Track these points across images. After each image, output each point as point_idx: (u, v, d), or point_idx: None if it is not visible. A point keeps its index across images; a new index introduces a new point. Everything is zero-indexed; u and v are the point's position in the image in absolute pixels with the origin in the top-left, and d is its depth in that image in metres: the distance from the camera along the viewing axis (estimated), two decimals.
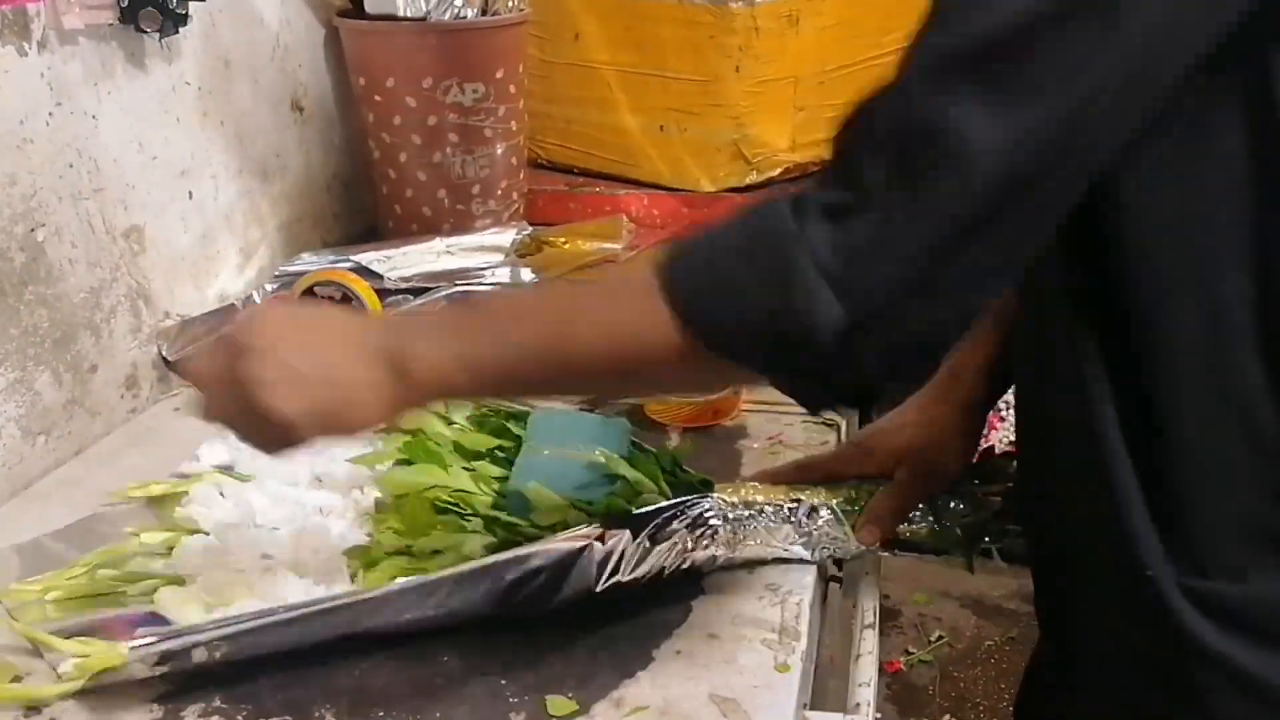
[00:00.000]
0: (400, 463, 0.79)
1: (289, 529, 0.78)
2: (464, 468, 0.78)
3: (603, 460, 0.80)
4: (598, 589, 0.70)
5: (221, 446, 0.89)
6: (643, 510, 0.73)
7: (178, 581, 0.75)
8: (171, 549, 0.78)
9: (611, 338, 0.60)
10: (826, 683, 0.94)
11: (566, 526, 0.73)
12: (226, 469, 0.87)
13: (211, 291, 1.23)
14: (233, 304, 1.22)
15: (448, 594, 0.69)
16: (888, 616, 2.26)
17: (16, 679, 0.69)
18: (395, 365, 0.61)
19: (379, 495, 0.79)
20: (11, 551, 0.81)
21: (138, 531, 0.81)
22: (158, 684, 0.68)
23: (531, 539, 0.72)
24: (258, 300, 1.22)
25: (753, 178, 1.54)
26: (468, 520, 0.75)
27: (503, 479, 0.80)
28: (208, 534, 0.79)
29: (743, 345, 0.57)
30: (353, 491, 0.79)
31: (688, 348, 0.57)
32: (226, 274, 1.26)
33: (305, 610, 0.67)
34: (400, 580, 0.71)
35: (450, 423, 0.84)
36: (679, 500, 0.75)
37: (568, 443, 0.83)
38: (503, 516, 0.75)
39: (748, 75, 1.47)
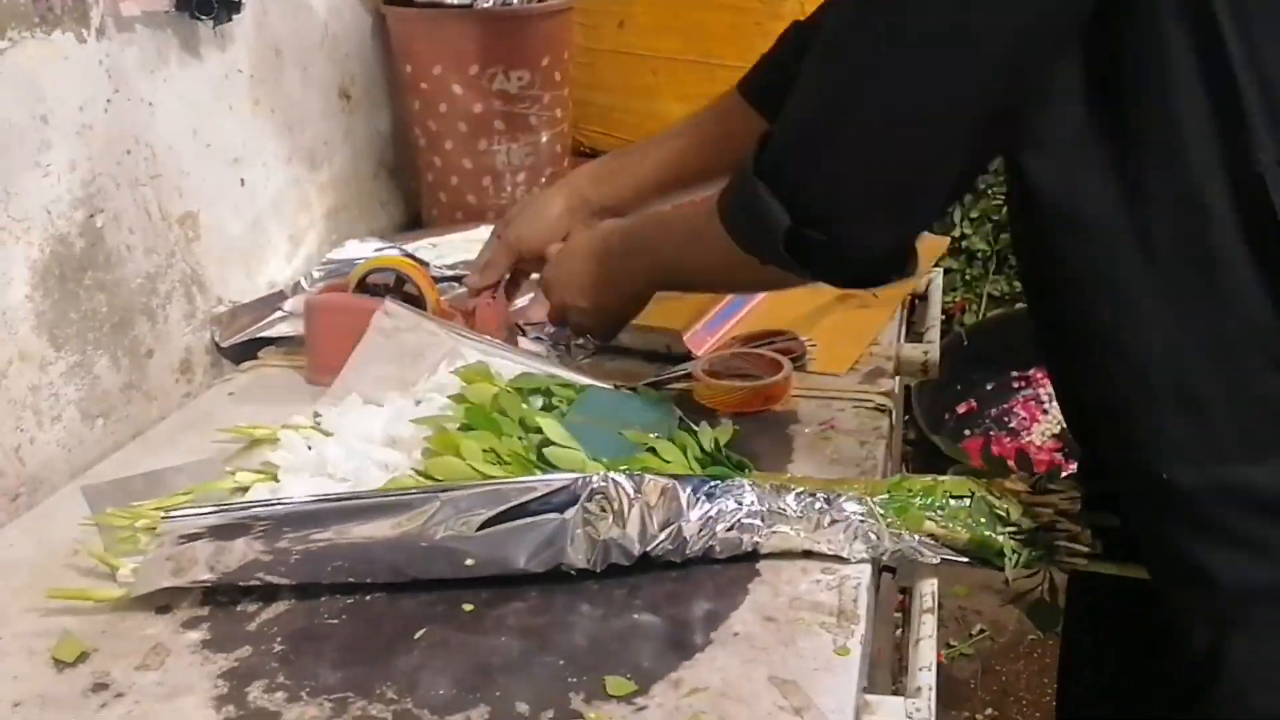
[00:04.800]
0: (462, 428, 0.80)
1: (354, 481, 0.80)
2: (519, 437, 0.79)
3: (628, 436, 0.82)
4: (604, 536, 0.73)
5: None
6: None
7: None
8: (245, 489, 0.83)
9: (709, 260, 0.86)
10: (874, 674, 0.94)
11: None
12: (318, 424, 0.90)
13: (262, 278, 1.24)
14: (281, 291, 1.23)
15: (461, 509, 0.72)
16: None
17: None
18: (617, 278, 0.96)
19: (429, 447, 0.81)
20: (118, 485, 0.85)
21: (234, 470, 0.85)
22: (222, 661, 0.69)
23: None
24: (306, 288, 1.22)
25: None
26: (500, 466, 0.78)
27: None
28: (278, 481, 0.82)
29: (761, 249, 0.77)
30: (414, 452, 0.80)
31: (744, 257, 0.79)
32: (276, 261, 1.27)
33: (342, 502, 0.72)
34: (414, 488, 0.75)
35: (524, 400, 0.85)
36: (702, 477, 0.77)
37: (607, 418, 0.84)
38: (533, 461, 0.79)
39: None
